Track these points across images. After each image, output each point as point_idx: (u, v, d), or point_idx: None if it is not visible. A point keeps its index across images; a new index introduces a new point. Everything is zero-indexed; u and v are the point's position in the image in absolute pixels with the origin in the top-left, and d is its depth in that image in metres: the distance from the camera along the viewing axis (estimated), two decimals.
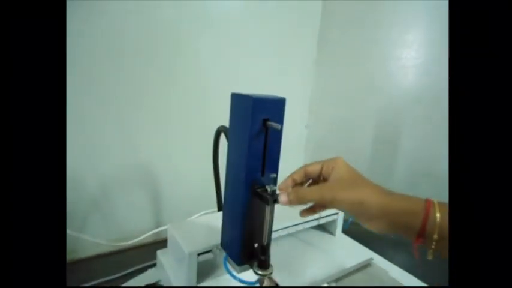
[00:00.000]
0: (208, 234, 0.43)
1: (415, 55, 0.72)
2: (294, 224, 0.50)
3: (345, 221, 0.61)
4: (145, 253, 0.60)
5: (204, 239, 0.42)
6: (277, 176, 0.36)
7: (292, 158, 0.94)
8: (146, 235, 0.64)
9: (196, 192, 0.68)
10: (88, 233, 0.59)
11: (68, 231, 0.54)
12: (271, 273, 0.36)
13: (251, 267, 0.37)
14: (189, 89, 0.67)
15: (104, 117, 0.59)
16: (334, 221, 0.56)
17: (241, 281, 0.37)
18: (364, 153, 0.83)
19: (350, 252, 0.50)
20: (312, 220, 0.52)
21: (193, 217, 0.61)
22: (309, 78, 0.91)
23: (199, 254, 0.40)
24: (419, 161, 0.75)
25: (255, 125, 0.34)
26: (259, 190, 0.35)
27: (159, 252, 0.48)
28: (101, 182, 0.61)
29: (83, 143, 0.57)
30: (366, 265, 0.46)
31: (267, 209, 0.35)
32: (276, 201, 0.34)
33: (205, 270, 0.43)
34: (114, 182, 0.63)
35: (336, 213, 0.56)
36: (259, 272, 0.36)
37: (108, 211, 0.63)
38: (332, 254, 0.50)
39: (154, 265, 0.53)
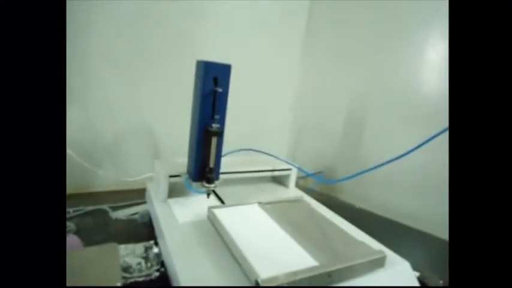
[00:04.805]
0: (181, 166, 0.59)
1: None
2: (248, 170, 0.65)
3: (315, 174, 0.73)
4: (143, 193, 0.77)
5: (177, 168, 0.58)
6: (221, 117, 0.51)
7: (277, 139, 1.08)
8: (144, 176, 0.81)
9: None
10: (102, 170, 0.78)
11: (87, 165, 0.74)
12: (215, 186, 0.52)
13: (201, 181, 0.53)
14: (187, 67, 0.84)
15: (120, 85, 0.78)
16: (287, 176, 0.70)
17: (195, 191, 0.53)
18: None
19: (290, 194, 0.64)
20: (266, 171, 0.67)
21: None
22: (296, 69, 1.06)
23: (170, 176, 0.57)
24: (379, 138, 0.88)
25: (207, 83, 0.49)
26: (208, 128, 0.51)
27: (147, 182, 0.65)
28: (114, 135, 0.80)
29: (103, 104, 0.76)
30: (296, 200, 0.59)
31: (213, 140, 0.50)
32: (217, 134, 0.50)
33: (175, 190, 0.59)
34: (124, 135, 0.82)
35: (290, 169, 0.70)
36: (206, 185, 0.52)
37: (117, 158, 0.82)
38: (278, 196, 0.64)
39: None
